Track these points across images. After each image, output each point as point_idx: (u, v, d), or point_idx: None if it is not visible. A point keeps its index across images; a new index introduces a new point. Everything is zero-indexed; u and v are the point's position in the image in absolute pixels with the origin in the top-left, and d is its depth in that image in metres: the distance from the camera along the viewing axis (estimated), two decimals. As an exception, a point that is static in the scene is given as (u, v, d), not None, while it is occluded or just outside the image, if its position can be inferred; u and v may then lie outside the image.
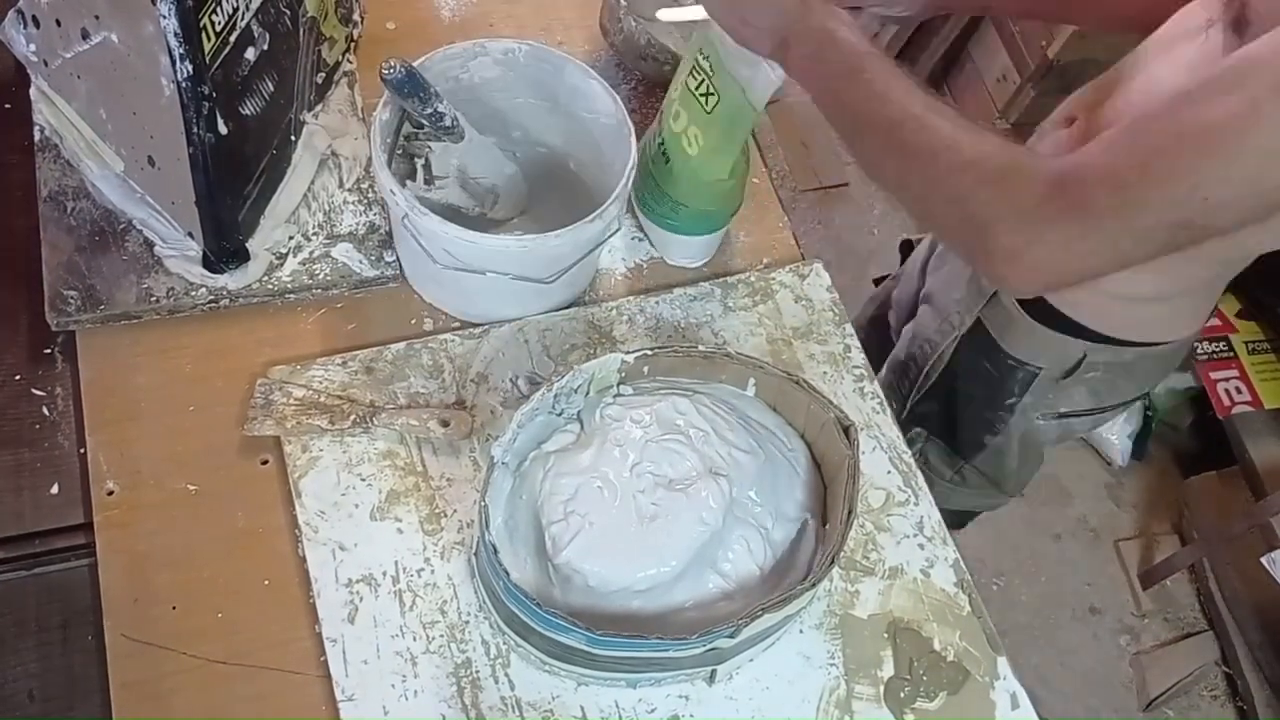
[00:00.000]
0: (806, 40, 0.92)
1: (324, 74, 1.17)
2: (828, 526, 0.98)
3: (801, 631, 1.01)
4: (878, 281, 1.63)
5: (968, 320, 1.24)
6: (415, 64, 1.01)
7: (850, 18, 0.92)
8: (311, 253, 1.14)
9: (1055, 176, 0.79)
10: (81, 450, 1.01)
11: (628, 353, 0.99)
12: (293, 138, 1.13)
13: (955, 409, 1.32)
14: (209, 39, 0.91)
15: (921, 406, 1.35)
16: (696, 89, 1.08)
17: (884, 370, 1.41)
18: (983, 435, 1.32)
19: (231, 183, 1.03)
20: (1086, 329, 1.14)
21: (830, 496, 1.00)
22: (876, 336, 1.50)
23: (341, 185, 1.18)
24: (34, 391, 1.04)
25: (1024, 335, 1.18)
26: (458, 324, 1.14)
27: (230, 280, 1.09)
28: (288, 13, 1.05)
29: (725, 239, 1.25)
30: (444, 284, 1.12)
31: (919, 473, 1.12)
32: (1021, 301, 1.16)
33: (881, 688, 1.00)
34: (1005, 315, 1.19)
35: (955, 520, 1.50)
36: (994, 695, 1.01)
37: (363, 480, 1.02)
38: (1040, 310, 1.15)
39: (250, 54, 0.99)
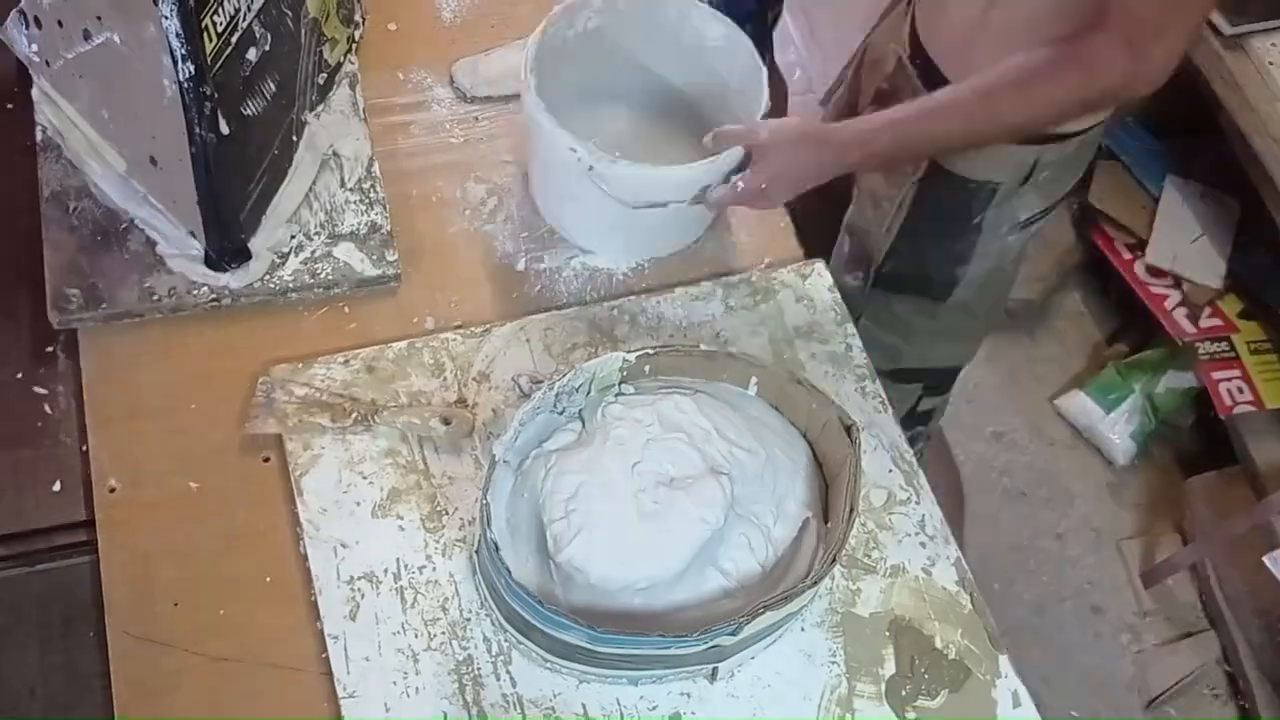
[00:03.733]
0: (856, 158, 1.10)
1: (326, 74, 1.17)
2: (829, 525, 0.98)
3: (803, 629, 1.01)
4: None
5: (922, 166, 1.26)
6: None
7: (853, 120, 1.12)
8: (313, 252, 1.14)
9: (1122, 36, 0.97)
10: (83, 448, 1.02)
11: (629, 352, 0.99)
12: (294, 138, 1.13)
13: (924, 254, 1.35)
14: (211, 39, 0.91)
15: (887, 265, 1.37)
16: None
17: (840, 248, 1.44)
18: (955, 269, 1.35)
19: (233, 182, 1.04)
20: (1038, 134, 1.17)
21: (832, 495, 1.00)
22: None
23: (343, 185, 1.18)
24: (36, 390, 1.05)
25: (981, 157, 1.21)
26: (459, 323, 1.14)
27: (232, 279, 1.09)
28: (289, 13, 1.05)
29: (726, 239, 1.25)
30: (620, 229, 1.19)
31: (920, 472, 1.12)
32: None
33: (883, 686, 1.00)
34: None
35: (937, 382, 1.55)
36: (995, 693, 1.01)
37: (364, 478, 1.02)
38: None
39: (252, 54, 0.99)
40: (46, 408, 1.04)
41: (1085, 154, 1.29)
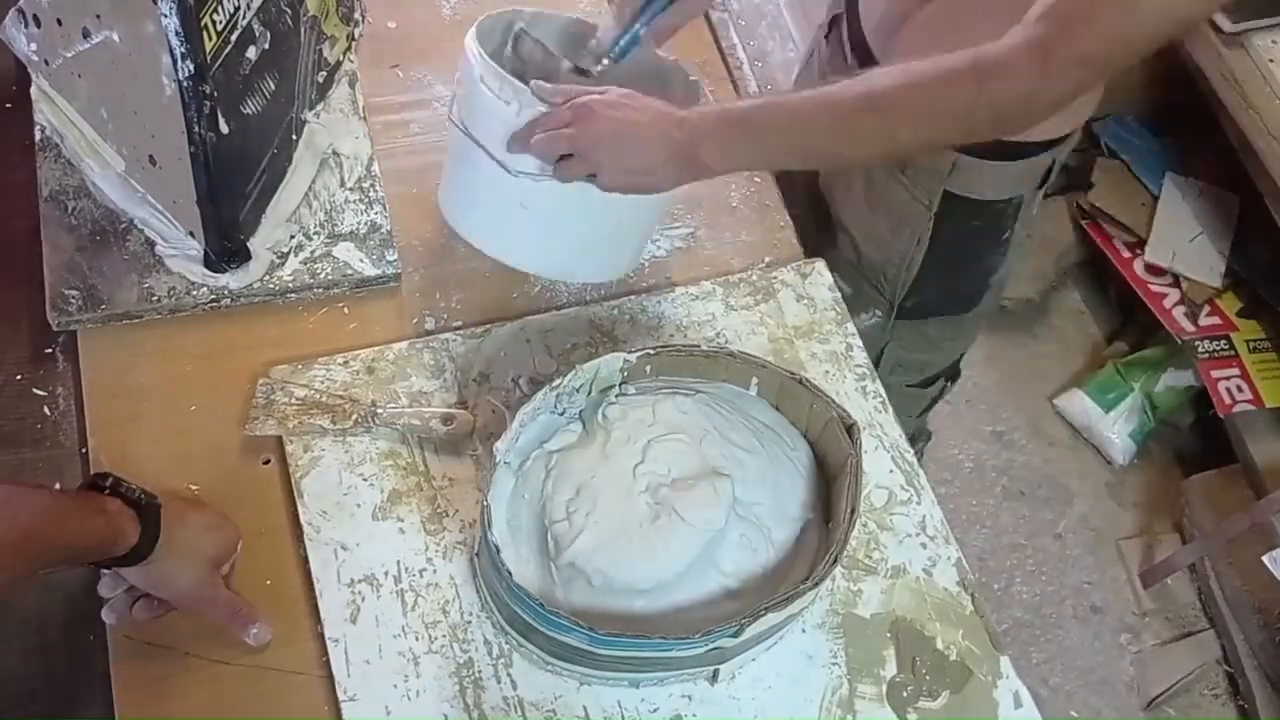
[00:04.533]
0: (708, 140, 0.95)
1: (325, 73, 1.17)
2: (830, 526, 0.98)
3: (804, 631, 1.01)
4: None
5: (935, 200, 1.22)
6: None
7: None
8: (313, 252, 1.14)
9: (1034, 46, 0.86)
10: (83, 450, 1.01)
11: (630, 352, 0.99)
12: (294, 137, 1.13)
13: (953, 279, 1.32)
14: (210, 38, 0.91)
15: (910, 300, 1.32)
16: None
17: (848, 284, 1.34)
18: (986, 279, 1.33)
19: (233, 182, 1.03)
20: (1054, 140, 1.17)
21: (833, 495, 1.00)
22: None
23: (343, 184, 1.18)
24: (35, 391, 1.04)
25: (1000, 176, 1.20)
26: (459, 323, 1.14)
27: (232, 279, 1.09)
28: (289, 11, 1.04)
29: (725, 238, 1.25)
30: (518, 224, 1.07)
31: (921, 472, 1.12)
32: (989, 154, 1.17)
33: (884, 687, 1.00)
34: (976, 173, 1.19)
35: (954, 371, 1.52)
36: (996, 694, 1.01)
37: (364, 480, 1.02)
38: (1009, 150, 1.16)
39: (252, 53, 0.99)
40: (45, 409, 1.04)
41: (1078, 136, 1.26)
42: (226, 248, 1.06)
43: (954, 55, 0.89)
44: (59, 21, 0.97)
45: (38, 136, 1.12)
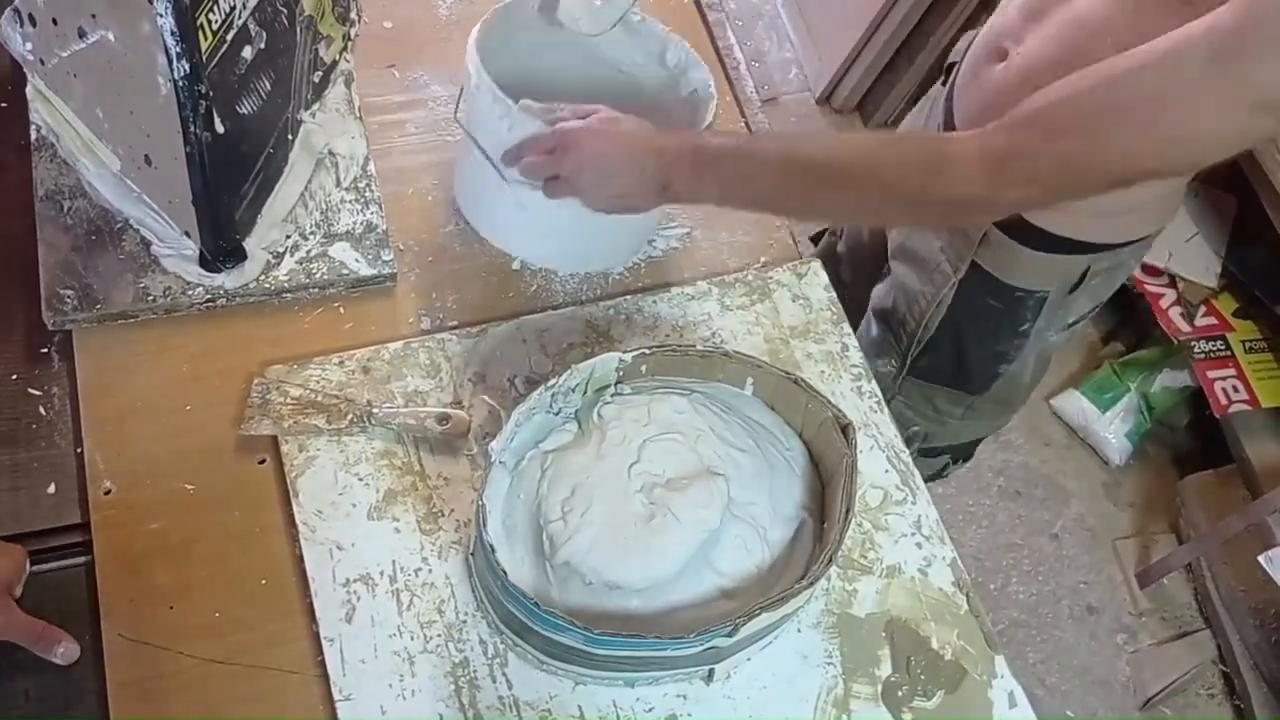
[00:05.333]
0: (680, 175, 0.97)
1: (321, 73, 1.17)
2: (825, 525, 0.98)
3: (799, 630, 1.01)
4: (815, 239, 1.54)
5: (962, 267, 1.22)
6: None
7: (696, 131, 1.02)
8: (308, 252, 1.14)
9: (988, 153, 0.87)
10: (78, 450, 1.01)
11: (625, 352, 0.99)
12: (290, 136, 1.13)
13: (963, 352, 1.31)
14: (206, 37, 0.91)
15: (923, 360, 1.33)
16: None
17: (867, 331, 1.38)
18: (997, 367, 1.32)
19: (228, 181, 1.03)
20: (1087, 244, 1.15)
21: (828, 495, 1.00)
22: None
23: (339, 184, 1.18)
24: (31, 391, 1.04)
25: (1027, 265, 1.18)
26: (455, 323, 1.14)
27: (227, 279, 1.09)
28: (285, 11, 1.04)
29: (721, 238, 1.25)
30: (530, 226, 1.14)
31: (916, 471, 1.12)
32: (1019, 236, 1.16)
33: (879, 687, 1.00)
34: (1005, 252, 1.19)
35: (965, 453, 1.52)
36: (991, 694, 1.01)
37: (360, 480, 1.02)
38: (1040, 239, 1.15)
39: (247, 52, 0.99)
40: (41, 409, 1.03)
41: (1138, 256, 1.25)
42: (222, 247, 1.06)
43: (917, 138, 0.93)
44: (54, 21, 0.96)
45: (33, 136, 1.12)
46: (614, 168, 0.98)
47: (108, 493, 0.99)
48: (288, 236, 1.13)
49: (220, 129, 0.96)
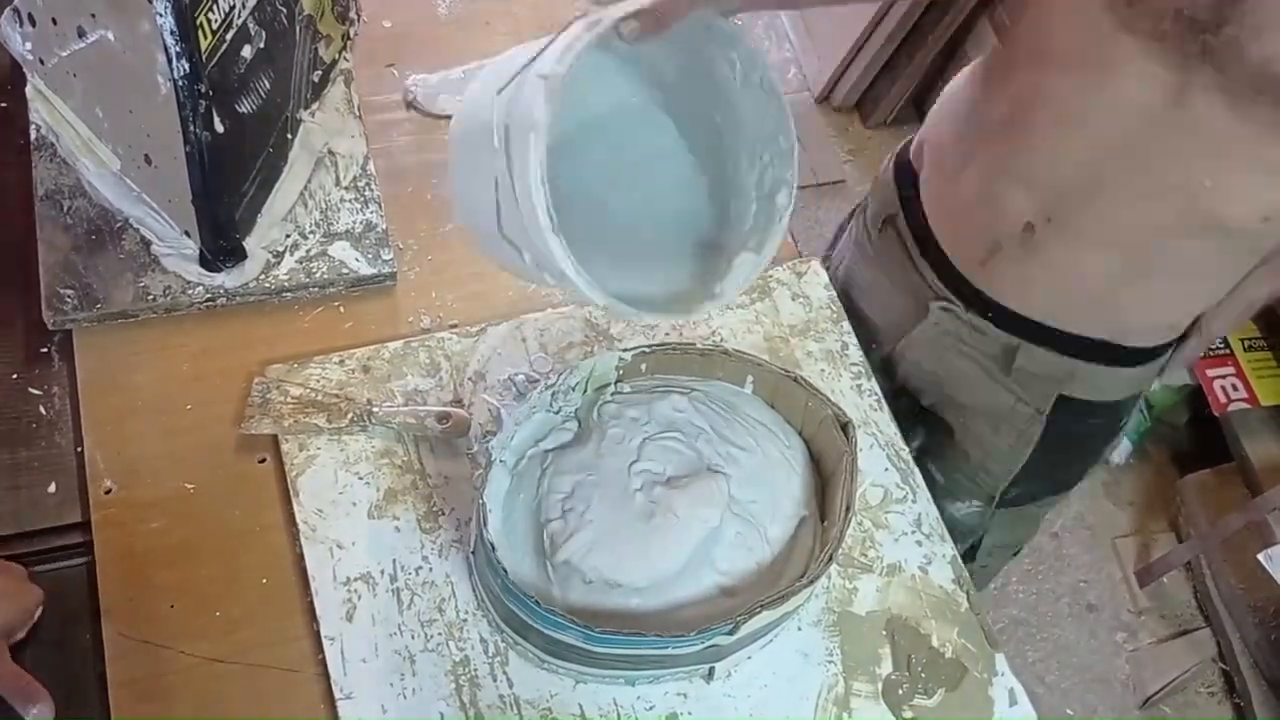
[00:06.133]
0: None
1: (321, 72, 1.17)
2: (825, 524, 0.98)
3: (800, 629, 1.01)
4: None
5: (1046, 407, 1.15)
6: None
7: None
8: (308, 251, 1.14)
9: None
10: (79, 449, 1.01)
11: (625, 350, 0.99)
12: (289, 136, 1.13)
13: (1061, 467, 1.25)
14: (205, 36, 0.91)
15: (1013, 491, 1.24)
16: None
17: (927, 475, 1.15)
18: (1099, 460, 1.27)
19: (228, 181, 1.03)
20: (1167, 342, 1.12)
21: (828, 494, 1.00)
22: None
23: (338, 183, 1.18)
24: (31, 391, 1.04)
25: (1118, 381, 1.13)
26: (455, 322, 1.14)
27: (227, 279, 1.09)
28: (284, 10, 1.04)
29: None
30: None
31: (916, 470, 1.12)
32: (1111, 361, 1.11)
33: (879, 685, 1.00)
34: (1095, 377, 1.12)
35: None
36: (992, 692, 1.01)
37: (360, 479, 1.02)
38: (1138, 355, 1.11)
39: (247, 51, 0.99)
40: (41, 409, 1.03)
41: None
42: (222, 247, 1.06)
43: None
44: (54, 21, 0.96)
45: (33, 136, 1.12)
46: None
47: (108, 492, 0.99)
48: (287, 236, 1.13)
49: (220, 128, 0.96)
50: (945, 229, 1.13)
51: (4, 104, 1.19)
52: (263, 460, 1.03)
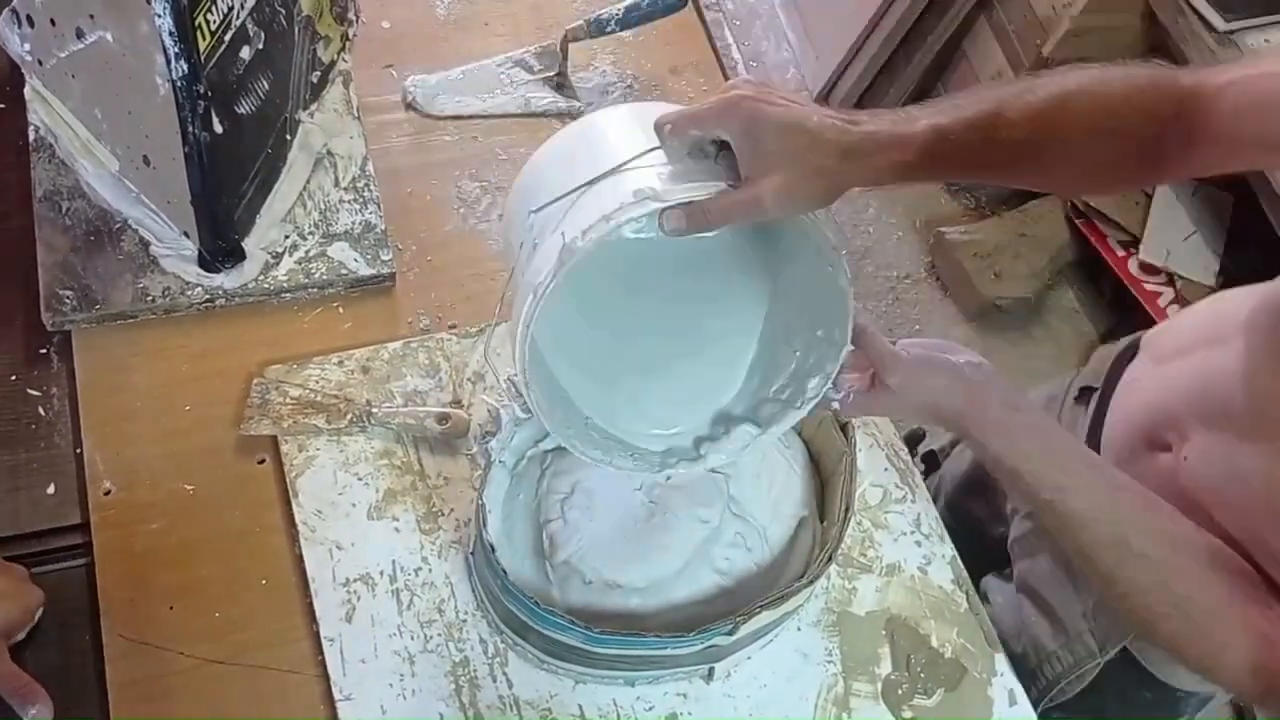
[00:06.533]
0: (983, 407, 0.84)
1: (319, 73, 1.17)
2: (825, 524, 0.98)
3: (799, 629, 1.01)
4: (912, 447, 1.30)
5: (1110, 649, 1.04)
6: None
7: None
8: (307, 252, 1.13)
9: (1261, 671, 0.79)
10: (78, 450, 1.01)
11: (625, 351, 0.99)
12: (288, 136, 1.13)
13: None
14: (204, 38, 0.91)
15: (1057, 713, 1.12)
16: None
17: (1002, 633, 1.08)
18: None
19: (227, 182, 1.03)
20: None
21: (827, 494, 1.00)
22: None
23: (337, 184, 1.18)
24: (30, 392, 1.04)
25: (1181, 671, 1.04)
26: (454, 322, 1.14)
27: (226, 279, 1.09)
28: (283, 11, 1.04)
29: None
30: None
31: (915, 470, 1.12)
32: None
33: (879, 685, 1.00)
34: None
35: None
36: (991, 692, 1.01)
37: (360, 479, 1.02)
38: None
39: (245, 53, 0.99)
40: (40, 410, 1.03)
41: None
42: (221, 247, 1.06)
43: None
44: (52, 22, 0.96)
45: (31, 137, 1.12)
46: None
47: (107, 493, 0.99)
48: (286, 236, 1.13)
49: (218, 129, 0.96)
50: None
51: (2, 105, 1.19)
52: (262, 461, 1.03)
